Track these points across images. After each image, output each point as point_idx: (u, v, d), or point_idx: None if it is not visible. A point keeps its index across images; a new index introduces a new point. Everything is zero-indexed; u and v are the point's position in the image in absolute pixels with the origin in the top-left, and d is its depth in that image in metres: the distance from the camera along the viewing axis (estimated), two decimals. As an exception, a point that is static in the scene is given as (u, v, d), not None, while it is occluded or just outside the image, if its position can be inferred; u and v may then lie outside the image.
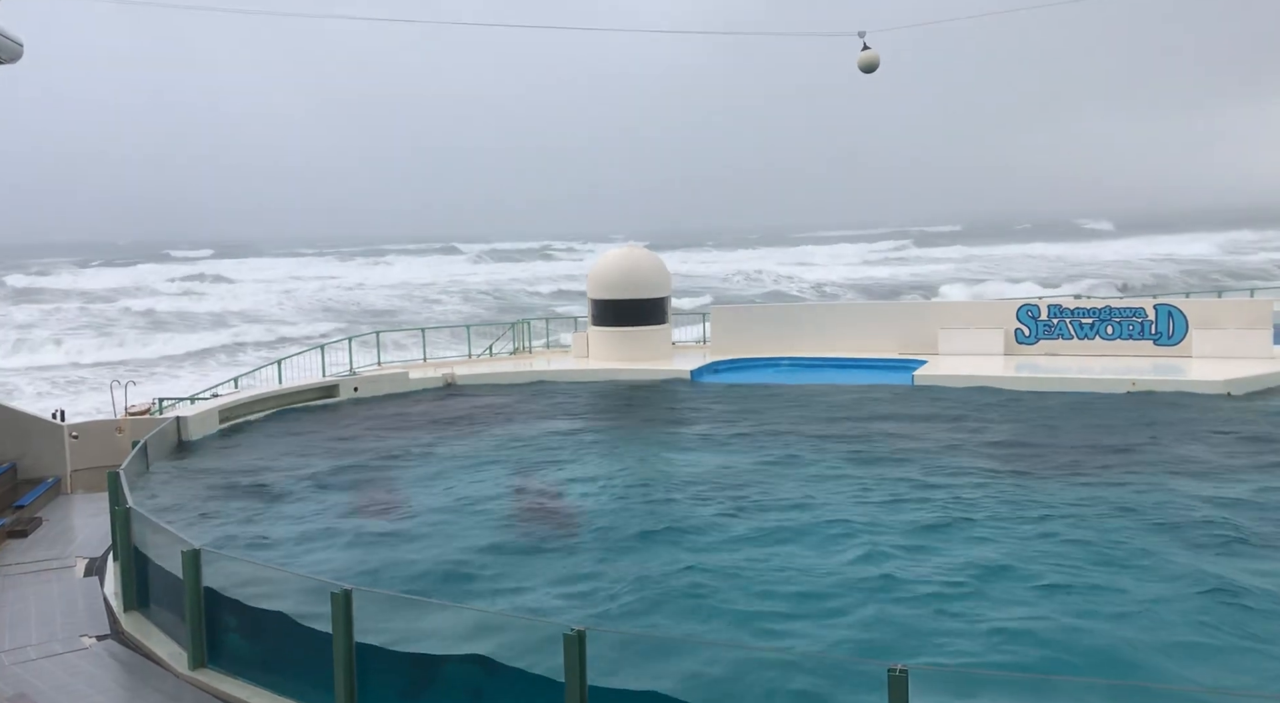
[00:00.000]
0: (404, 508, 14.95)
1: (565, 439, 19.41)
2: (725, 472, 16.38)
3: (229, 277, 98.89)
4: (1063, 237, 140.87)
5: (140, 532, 11.72)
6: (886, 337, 28.12)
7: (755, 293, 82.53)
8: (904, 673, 6.75)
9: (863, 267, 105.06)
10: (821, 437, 18.81)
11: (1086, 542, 12.24)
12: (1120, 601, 10.38)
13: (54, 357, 53.69)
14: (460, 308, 75.59)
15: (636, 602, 10.79)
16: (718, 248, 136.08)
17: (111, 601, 12.14)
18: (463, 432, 20.40)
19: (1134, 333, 26.34)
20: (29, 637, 11.15)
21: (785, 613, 10.38)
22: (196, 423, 20.19)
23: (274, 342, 59.15)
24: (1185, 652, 9.26)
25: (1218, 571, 11.11)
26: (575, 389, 25.11)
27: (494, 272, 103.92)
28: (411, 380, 25.46)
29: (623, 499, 14.94)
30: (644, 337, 28.05)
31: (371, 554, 12.69)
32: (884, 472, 16.06)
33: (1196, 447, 17.24)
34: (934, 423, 20.05)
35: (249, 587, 10.23)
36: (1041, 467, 16.15)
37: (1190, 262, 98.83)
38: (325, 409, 23.30)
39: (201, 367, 51.29)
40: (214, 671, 10.04)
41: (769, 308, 35.12)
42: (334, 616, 8.75)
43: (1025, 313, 27.29)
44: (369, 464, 17.69)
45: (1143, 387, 22.54)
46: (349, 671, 8.80)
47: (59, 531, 15.41)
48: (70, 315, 69.16)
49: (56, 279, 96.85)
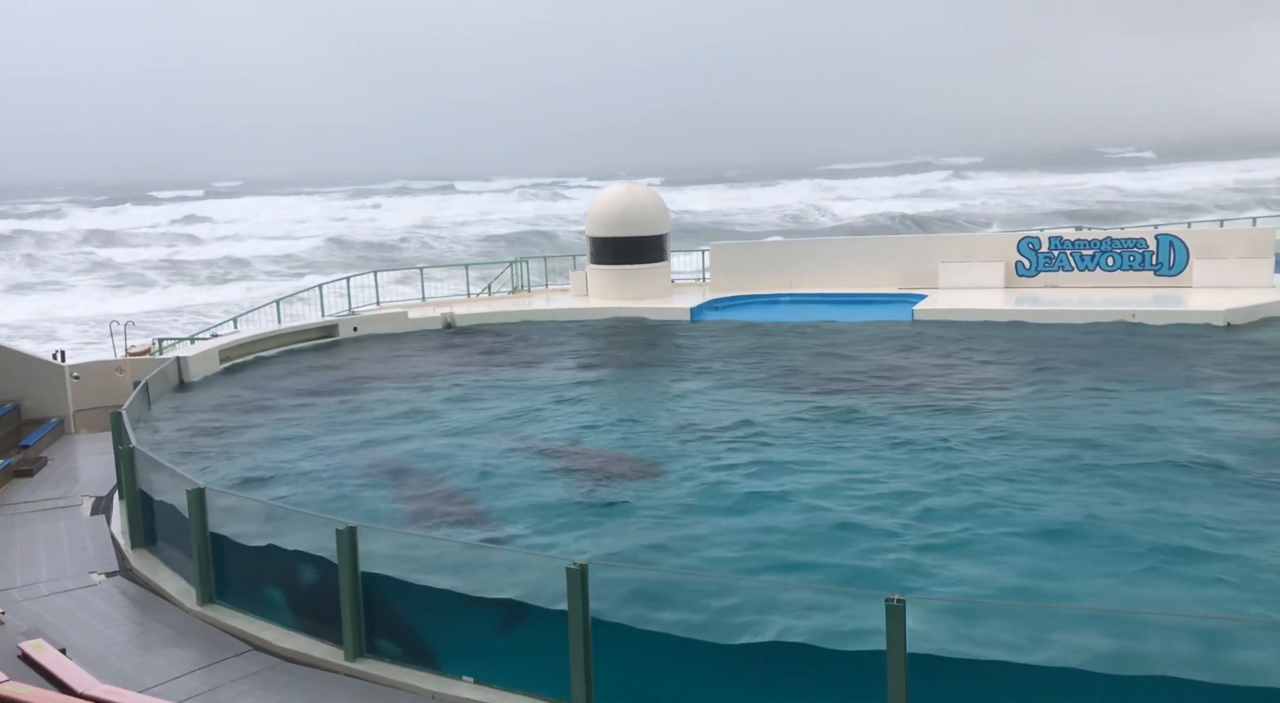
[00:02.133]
0: (406, 447, 15.06)
1: (567, 382, 19.46)
2: (721, 412, 16.45)
3: (224, 216, 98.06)
4: (1100, 166, 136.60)
5: (144, 471, 11.82)
6: (887, 271, 28.00)
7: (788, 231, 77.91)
8: (901, 603, 6.86)
9: (915, 199, 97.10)
10: (818, 375, 18.86)
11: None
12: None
13: (55, 303, 53.39)
14: (459, 247, 75.01)
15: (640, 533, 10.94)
16: (739, 182, 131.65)
17: (119, 538, 12.29)
18: (464, 371, 20.45)
19: (1135, 264, 26.23)
20: (40, 574, 11.31)
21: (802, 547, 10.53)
22: (197, 363, 20.22)
23: (273, 281, 58.98)
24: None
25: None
26: (574, 329, 25.10)
27: (500, 209, 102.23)
28: (411, 320, 25.45)
29: (625, 442, 15.05)
30: (643, 274, 27.93)
31: (370, 492, 12.82)
32: (883, 410, 16.13)
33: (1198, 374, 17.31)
34: (933, 357, 20.10)
35: (255, 524, 10.35)
36: (1038, 397, 16.22)
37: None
38: (325, 349, 23.32)
39: (200, 308, 51.18)
40: (222, 606, 10.21)
41: (769, 244, 34.91)
42: (339, 551, 8.87)
43: (1026, 245, 27.14)
44: (369, 402, 17.76)
45: (1143, 318, 22.53)
46: (356, 604, 8.94)
47: (64, 470, 15.54)
48: (74, 260, 68.57)
49: (72, 220, 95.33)
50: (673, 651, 8.13)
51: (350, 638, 8.96)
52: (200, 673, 8.93)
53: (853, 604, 8.18)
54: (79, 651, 9.09)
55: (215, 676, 8.89)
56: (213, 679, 8.81)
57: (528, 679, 8.29)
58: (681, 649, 8.13)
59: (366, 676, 8.77)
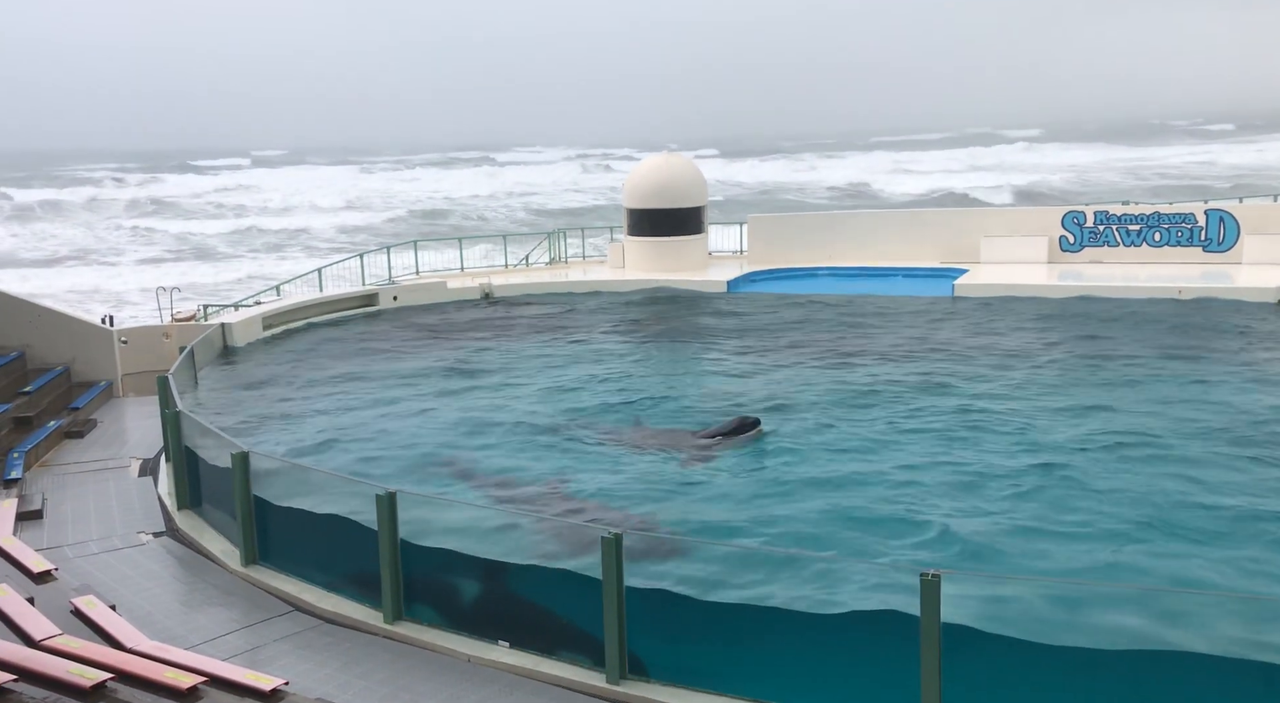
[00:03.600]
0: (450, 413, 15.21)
1: (600, 354, 19.52)
2: (757, 385, 16.43)
3: (263, 186, 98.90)
4: (1172, 139, 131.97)
5: (190, 434, 12.07)
6: (928, 245, 27.67)
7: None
8: (936, 578, 6.85)
9: (984, 173, 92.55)
10: (857, 352, 18.75)
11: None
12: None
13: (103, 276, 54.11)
14: (497, 218, 75.03)
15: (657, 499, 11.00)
16: (795, 153, 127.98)
17: (165, 500, 12.58)
18: (500, 343, 20.58)
19: (1182, 239, 25.69)
20: (90, 532, 11.62)
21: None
22: (241, 329, 20.54)
23: (315, 250, 59.43)
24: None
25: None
26: (611, 301, 25.12)
27: (537, 178, 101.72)
28: (450, 290, 25.62)
29: (674, 418, 15.10)
30: (680, 246, 27.84)
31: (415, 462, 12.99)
32: (919, 384, 16.03)
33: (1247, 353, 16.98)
34: (973, 334, 19.89)
35: (298, 488, 10.55)
36: (1084, 377, 16.02)
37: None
38: (366, 317, 23.57)
39: (243, 277, 51.77)
40: (266, 567, 10.44)
41: (807, 216, 34.61)
42: (379, 516, 9.02)
43: (1070, 220, 26.68)
44: (410, 370, 17.95)
45: (1190, 294, 22.11)
46: (395, 568, 9.10)
47: (113, 432, 15.90)
48: (121, 231, 69.43)
49: (119, 190, 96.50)
50: (713, 618, 8.19)
51: (389, 601, 9.13)
52: (243, 632, 9.16)
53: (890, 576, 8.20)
54: (127, 607, 9.35)
55: (258, 635, 9.11)
56: (255, 639, 9.03)
57: (562, 645, 8.41)
58: (720, 615, 8.19)
59: (404, 638, 8.94)
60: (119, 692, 6.89)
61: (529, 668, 8.27)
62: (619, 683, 7.92)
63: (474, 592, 9.22)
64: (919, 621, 6.87)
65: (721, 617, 8.20)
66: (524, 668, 8.29)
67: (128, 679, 7.07)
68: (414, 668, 8.39)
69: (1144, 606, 7.90)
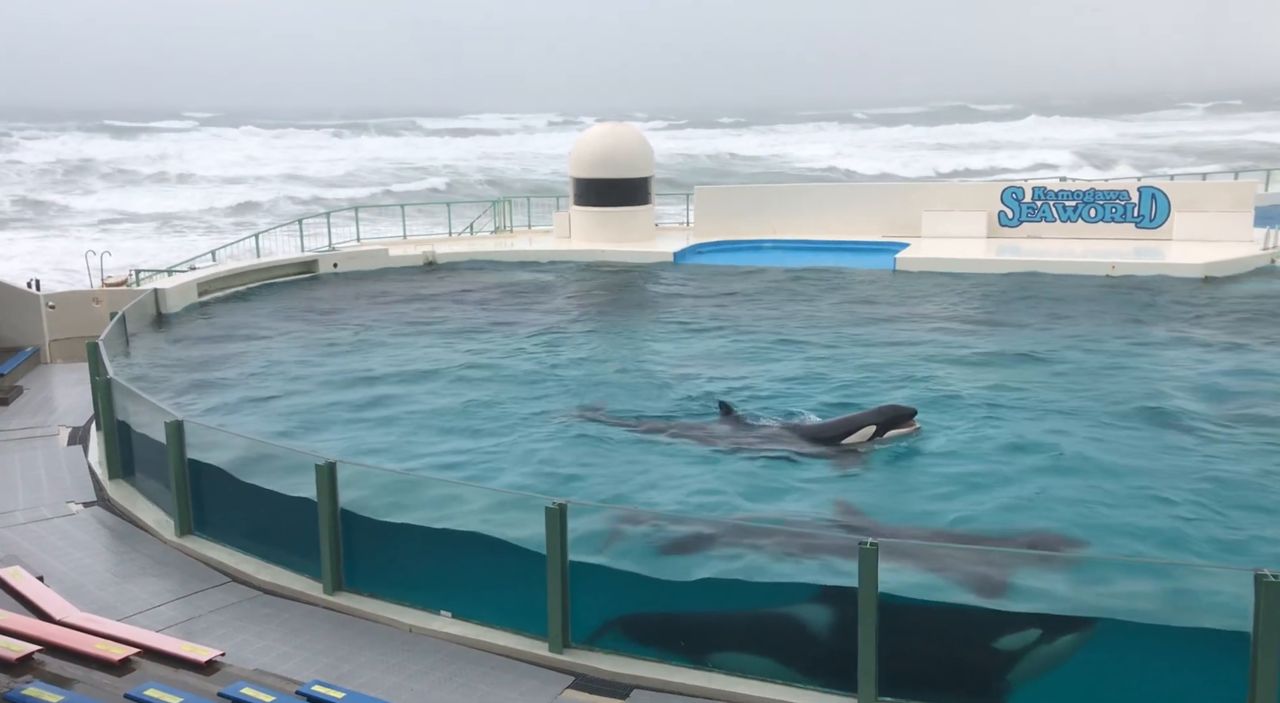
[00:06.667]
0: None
1: (551, 325, 19.39)
2: (706, 357, 16.49)
3: (202, 149, 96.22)
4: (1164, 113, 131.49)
5: (122, 402, 11.76)
6: (870, 219, 27.93)
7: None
8: (874, 547, 6.97)
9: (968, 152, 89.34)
10: (800, 321, 18.91)
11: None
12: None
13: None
14: (441, 185, 73.85)
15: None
16: (762, 126, 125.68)
17: (96, 469, 12.27)
18: (446, 313, 20.35)
19: (1116, 216, 26.28)
20: (16, 502, 11.28)
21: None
22: (175, 295, 20.02)
23: (251, 215, 58.00)
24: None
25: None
26: (556, 271, 24.94)
27: (492, 146, 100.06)
28: (391, 257, 25.25)
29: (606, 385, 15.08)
30: (626, 217, 27.72)
31: (350, 427, 12.83)
32: (861, 354, 16.23)
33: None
34: (914, 306, 20.17)
35: (233, 457, 10.35)
36: (1017, 346, 16.35)
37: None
38: (305, 284, 23.12)
39: (176, 239, 50.38)
40: (201, 537, 10.25)
41: (752, 189, 34.67)
42: (319, 486, 8.89)
43: (1010, 195, 27.11)
44: (346, 337, 17.68)
45: (1122, 270, 22.64)
46: (335, 538, 9.00)
47: (40, 399, 15.43)
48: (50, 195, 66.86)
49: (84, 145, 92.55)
50: (644, 588, 8.26)
51: (329, 572, 9.03)
52: (178, 603, 8.99)
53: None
54: (56, 578, 9.12)
55: (193, 606, 8.95)
56: (191, 610, 8.87)
57: (505, 615, 8.40)
58: (652, 587, 8.26)
59: (345, 609, 8.86)
60: (47, 664, 6.71)
61: (472, 638, 8.26)
62: (561, 652, 7.95)
63: (416, 561, 9.15)
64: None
65: (653, 587, 8.27)
66: (467, 638, 8.27)
67: (56, 652, 6.89)
68: (354, 638, 8.32)
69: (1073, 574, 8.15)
